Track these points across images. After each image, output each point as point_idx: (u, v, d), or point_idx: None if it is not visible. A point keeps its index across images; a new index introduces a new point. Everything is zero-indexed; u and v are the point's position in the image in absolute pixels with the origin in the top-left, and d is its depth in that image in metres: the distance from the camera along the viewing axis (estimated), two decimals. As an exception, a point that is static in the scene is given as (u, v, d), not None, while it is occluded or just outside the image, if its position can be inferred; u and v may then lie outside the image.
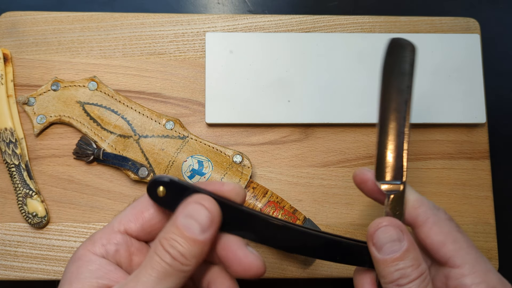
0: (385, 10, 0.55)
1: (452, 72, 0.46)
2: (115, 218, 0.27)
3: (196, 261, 0.24)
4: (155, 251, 0.24)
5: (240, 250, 0.26)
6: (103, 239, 0.26)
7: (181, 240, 0.24)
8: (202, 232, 0.24)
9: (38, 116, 0.43)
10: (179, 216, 0.25)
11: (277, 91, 0.45)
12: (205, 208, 0.25)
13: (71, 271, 0.25)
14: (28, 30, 0.46)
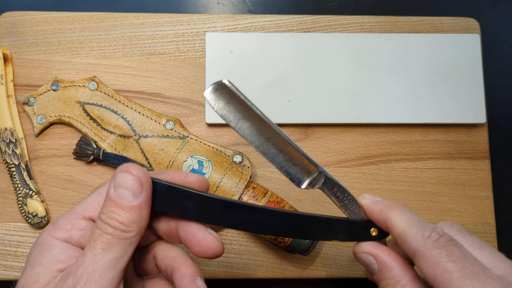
0: (385, 10, 0.55)
1: (452, 72, 0.46)
2: (79, 204, 0.27)
3: (137, 225, 0.25)
4: (96, 226, 0.24)
5: (200, 232, 0.26)
6: (67, 225, 0.26)
7: (117, 210, 0.24)
8: (134, 197, 0.25)
9: (38, 116, 0.43)
10: (110, 188, 0.25)
11: (277, 91, 0.45)
12: (131, 175, 0.25)
13: (33, 256, 0.25)
14: (28, 30, 0.46)
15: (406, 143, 0.45)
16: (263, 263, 0.42)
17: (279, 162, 0.29)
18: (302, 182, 0.29)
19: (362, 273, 0.42)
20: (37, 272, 0.24)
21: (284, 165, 0.29)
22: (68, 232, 0.26)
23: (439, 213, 0.44)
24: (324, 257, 0.42)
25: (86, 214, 0.27)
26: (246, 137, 0.28)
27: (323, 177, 0.29)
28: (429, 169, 0.45)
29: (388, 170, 0.45)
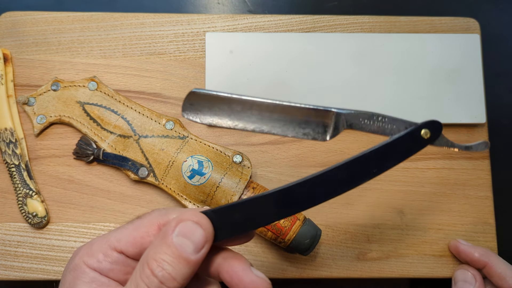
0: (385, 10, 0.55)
1: (452, 72, 0.46)
2: (115, 231, 0.26)
3: (185, 283, 0.23)
4: (141, 276, 0.23)
5: (246, 275, 0.25)
6: (99, 254, 0.25)
7: (172, 260, 0.23)
8: (195, 252, 0.23)
9: (38, 116, 0.43)
10: (172, 234, 0.23)
11: (277, 91, 0.45)
12: (202, 229, 0.24)
13: (68, 281, 0.25)
14: (28, 30, 0.46)
15: (406, 143, 0.45)
16: (263, 263, 0.42)
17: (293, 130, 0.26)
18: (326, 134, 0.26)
19: (362, 273, 0.42)
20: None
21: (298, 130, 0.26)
22: (99, 263, 0.25)
23: (439, 213, 0.44)
24: (324, 257, 0.42)
25: (118, 247, 0.25)
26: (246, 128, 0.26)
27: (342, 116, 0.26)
28: (429, 169, 0.45)
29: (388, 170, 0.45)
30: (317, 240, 0.38)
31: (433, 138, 0.26)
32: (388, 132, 0.26)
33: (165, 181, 0.41)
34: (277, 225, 0.38)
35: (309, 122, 0.26)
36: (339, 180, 0.25)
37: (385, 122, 0.27)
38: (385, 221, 0.43)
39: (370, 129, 0.26)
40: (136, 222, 0.26)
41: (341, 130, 0.27)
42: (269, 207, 0.25)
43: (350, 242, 0.43)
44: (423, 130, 0.26)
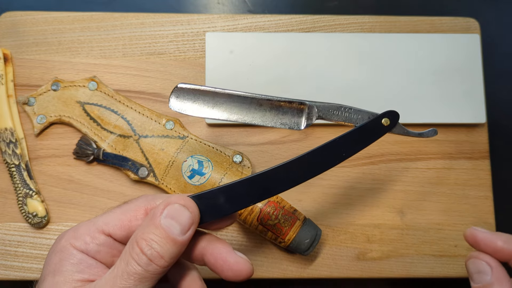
0: (385, 10, 0.55)
1: (452, 72, 0.46)
2: (102, 216, 0.27)
3: (172, 262, 0.25)
4: (131, 253, 0.24)
5: (230, 257, 0.26)
6: (86, 237, 0.26)
7: (160, 240, 0.24)
8: (182, 233, 0.25)
9: (38, 116, 0.43)
10: (160, 216, 0.25)
11: (277, 91, 0.45)
12: (188, 211, 0.25)
13: (54, 262, 0.25)
14: (28, 30, 0.46)
15: (406, 143, 0.45)
16: (263, 263, 0.42)
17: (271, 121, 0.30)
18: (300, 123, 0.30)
19: (362, 273, 0.42)
20: (58, 281, 0.25)
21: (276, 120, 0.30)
22: (86, 245, 0.26)
23: (439, 213, 0.44)
24: (324, 257, 0.42)
25: (106, 230, 0.26)
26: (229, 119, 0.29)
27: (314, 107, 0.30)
28: (429, 169, 0.45)
29: (388, 170, 0.45)
30: (317, 240, 0.38)
31: (392, 125, 0.30)
32: (354, 122, 0.31)
33: (165, 181, 0.41)
34: (277, 225, 0.38)
35: (286, 113, 0.31)
36: (313, 163, 0.28)
37: (351, 113, 0.31)
38: (385, 221, 0.43)
39: (338, 119, 0.31)
40: (124, 206, 0.27)
41: (314, 120, 0.30)
42: (249, 190, 0.27)
43: (350, 242, 0.43)
44: (383, 119, 0.30)
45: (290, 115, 0.31)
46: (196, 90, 0.29)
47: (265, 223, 0.38)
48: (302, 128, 0.31)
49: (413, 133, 0.33)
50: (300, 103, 0.30)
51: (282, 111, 0.30)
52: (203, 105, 0.29)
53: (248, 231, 0.42)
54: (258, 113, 0.30)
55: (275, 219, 0.38)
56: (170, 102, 0.30)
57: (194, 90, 0.29)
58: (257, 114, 0.30)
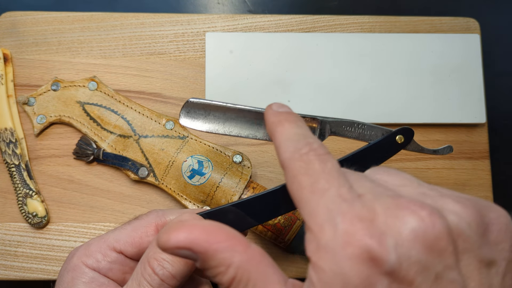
0: (385, 10, 0.55)
1: (452, 72, 0.46)
2: (113, 233, 0.27)
3: (184, 281, 0.25)
4: (143, 274, 0.24)
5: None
6: (98, 254, 0.26)
7: (172, 260, 0.24)
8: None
9: (38, 116, 0.43)
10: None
11: (277, 91, 0.45)
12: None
13: (66, 281, 0.26)
14: (28, 30, 0.46)
15: (406, 143, 0.45)
16: (263, 263, 0.42)
17: None
18: None
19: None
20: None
21: None
22: (98, 263, 0.26)
23: (439, 213, 0.44)
24: (324, 257, 0.42)
25: (117, 247, 0.26)
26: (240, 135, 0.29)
27: (327, 124, 0.29)
28: (429, 169, 0.45)
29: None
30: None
31: (406, 143, 0.29)
32: (368, 138, 0.30)
33: (165, 181, 0.41)
34: (277, 225, 0.38)
35: None
36: None
37: (365, 129, 0.30)
38: (385, 221, 0.43)
39: (352, 135, 0.30)
40: (134, 222, 0.27)
41: (326, 136, 0.30)
42: (261, 208, 0.26)
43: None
44: (397, 136, 0.29)
45: None
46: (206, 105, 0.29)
47: (265, 223, 0.38)
48: None
49: (428, 150, 0.33)
50: (312, 118, 0.29)
51: None
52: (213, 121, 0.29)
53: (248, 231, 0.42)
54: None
55: (275, 219, 0.38)
56: (180, 117, 0.30)
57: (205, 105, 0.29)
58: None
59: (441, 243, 0.17)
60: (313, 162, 0.21)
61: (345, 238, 0.18)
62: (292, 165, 0.21)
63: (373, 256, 0.17)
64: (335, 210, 0.18)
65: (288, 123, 0.24)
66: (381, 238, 0.17)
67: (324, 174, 0.20)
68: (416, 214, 0.17)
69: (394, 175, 0.21)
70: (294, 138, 0.23)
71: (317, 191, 0.20)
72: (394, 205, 0.18)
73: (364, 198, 0.19)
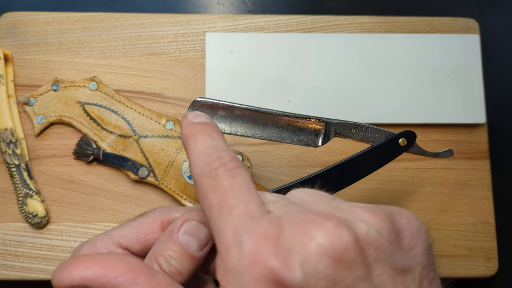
0: (385, 10, 0.55)
1: (451, 72, 0.46)
2: (118, 229, 0.27)
3: (190, 277, 0.25)
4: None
5: None
6: (103, 250, 0.26)
7: (179, 256, 0.24)
8: (200, 249, 0.25)
9: (39, 116, 0.43)
10: (178, 232, 0.25)
11: (277, 91, 0.45)
12: (205, 226, 0.25)
13: None
14: (28, 31, 0.46)
15: (406, 143, 0.45)
16: (263, 263, 0.42)
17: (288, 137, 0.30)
18: (317, 141, 0.30)
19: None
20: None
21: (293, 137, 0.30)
22: None
23: (439, 213, 0.44)
24: (324, 257, 0.42)
25: (123, 243, 0.26)
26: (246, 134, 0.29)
27: (332, 126, 0.29)
28: (429, 169, 0.45)
29: (388, 170, 0.45)
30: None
31: (409, 145, 0.31)
32: (371, 140, 0.30)
33: (165, 181, 0.41)
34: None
35: (303, 130, 0.30)
36: (329, 182, 0.28)
37: (369, 131, 0.30)
38: (385, 221, 0.43)
39: (356, 137, 0.30)
40: (140, 219, 0.27)
41: (331, 137, 0.30)
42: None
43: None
44: (400, 139, 0.30)
45: (307, 132, 0.30)
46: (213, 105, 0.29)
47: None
48: (319, 146, 0.30)
49: (429, 154, 0.33)
50: (318, 120, 0.30)
51: (299, 128, 0.30)
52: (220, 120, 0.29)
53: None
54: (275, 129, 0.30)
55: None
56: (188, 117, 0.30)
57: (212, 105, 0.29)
58: (274, 130, 0.30)
59: (350, 254, 0.16)
60: (221, 178, 0.20)
61: (251, 259, 0.17)
62: (201, 182, 0.20)
63: (278, 277, 0.16)
64: (242, 229, 0.18)
65: (201, 135, 0.23)
66: (287, 256, 0.16)
67: (232, 190, 0.19)
68: (322, 226, 0.17)
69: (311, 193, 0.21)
70: (205, 151, 0.21)
71: (225, 210, 0.19)
72: (301, 220, 0.17)
73: (272, 215, 0.18)
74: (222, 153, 0.21)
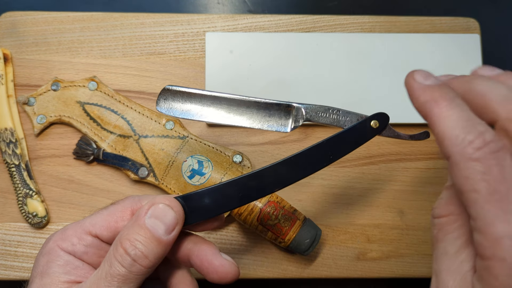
0: (385, 10, 0.55)
1: (452, 72, 0.45)
2: (89, 218, 0.27)
3: (157, 262, 0.25)
4: (114, 255, 0.24)
5: (215, 259, 0.26)
6: (73, 238, 0.26)
7: (145, 240, 0.24)
8: (167, 233, 0.25)
9: (38, 116, 0.43)
10: (144, 216, 0.25)
11: (277, 91, 0.45)
12: (173, 211, 0.25)
13: (41, 264, 0.26)
14: (28, 30, 0.46)
15: (406, 143, 0.45)
16: (263, 263, 0.42)
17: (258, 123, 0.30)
18: (286, 125, 0.30)
19: (361, 273, 0.42)
20: (45, 283, 0.25)
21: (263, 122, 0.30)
22: (73, 246, 0.26)
23: (439, 213, 0.44)
24: (324, 257, 0.42)
25: (93, 231, 0.26)
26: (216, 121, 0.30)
27: (302, 109, 0.30)
28: (429, 169, 0.45)
29: (388, 170, 0.45)
30: (317, 240, 0.38)
31: (381, 128, 0.29)
32: (342, 124, 0.30)
33: (165, 181, 0.41)
34: (277, 225, 0.38)
35: (273, 115, 0.30)
36: (300, 165, 0.28)
37: (340, 115, 0.30)
38: (385, 221, 0.43)
39: (326, 121, 0.30)
40: (111, 207, 0.27)
41: (300, 122, 0.30)
42: (235, 192, 0.27)
43: (350, 242, 0.43)
44: (372, 121, 0.29)
45: (277, 117, 0.31)
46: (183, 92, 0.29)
47: (265, 223, 0.38)
48: (288, 131, 0.30)
49: (404, 136, 0.32)
50: (287, 105, 0.30)
51: (269, 113, 0.31)
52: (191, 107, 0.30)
53: (248, 231, 0.42)
54: (245, 115, 0.31)
55: (275, 219, 0.38)
56: (157, 103, 0.31)
57: (182, 92, 0.30)
58: (245, 116, 0.31)
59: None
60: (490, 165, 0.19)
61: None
62: (463, 164, 0.19)
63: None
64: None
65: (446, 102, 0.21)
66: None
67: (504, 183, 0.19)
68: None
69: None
70: (459, 124, 0.20)
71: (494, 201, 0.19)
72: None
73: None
74: (481, 128, 0.20)
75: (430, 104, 0.21)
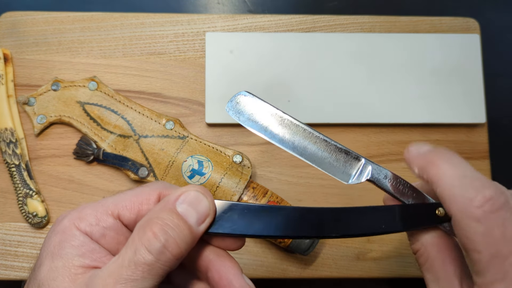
0: (385, 10, 0.55)
1: (452, 72, 0.46)
2: (112, 197, 0.24)
3: (184, 255, 0.22)
4: (141, 239, 0.21)
5: (236, 280, 0.24)
6: (92, 218, 0.23)
7: (177, 225, 0.21)
8: (198, 223, 0.23)
9: (38, 116, 0.43)
10: (175, 201, 0.22)
11: (277, 91, 0.45)
12: (208, 201, 0.23)
13: (53, 244, 0.23)
14: (28, 30, 0.46)
15: (406, 143, 0.45)
16: (263, 263, 0.42)
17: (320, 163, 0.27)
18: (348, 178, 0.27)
19: (362, 273, 0.42)
20: (57, 267, 0.22)
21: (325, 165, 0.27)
22: (91, 227, 0.23)
23: (439, 213, 0.44)
24: (324, 257, 0.42)
25: (115, 212, 0.23)
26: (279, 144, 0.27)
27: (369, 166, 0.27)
28: (429, 169, 0.45)
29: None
30: (317, 240, 0.38)
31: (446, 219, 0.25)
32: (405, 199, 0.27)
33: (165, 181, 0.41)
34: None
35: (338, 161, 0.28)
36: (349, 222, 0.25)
37: (407, 188, 0.27)
38: (385, 221, 0.43)
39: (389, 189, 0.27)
40: (137, 189, 0.25)
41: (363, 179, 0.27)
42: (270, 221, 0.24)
43: (350, 242, 0.43)
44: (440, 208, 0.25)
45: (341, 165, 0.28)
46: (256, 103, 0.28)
47: (265, 223, 0.38)
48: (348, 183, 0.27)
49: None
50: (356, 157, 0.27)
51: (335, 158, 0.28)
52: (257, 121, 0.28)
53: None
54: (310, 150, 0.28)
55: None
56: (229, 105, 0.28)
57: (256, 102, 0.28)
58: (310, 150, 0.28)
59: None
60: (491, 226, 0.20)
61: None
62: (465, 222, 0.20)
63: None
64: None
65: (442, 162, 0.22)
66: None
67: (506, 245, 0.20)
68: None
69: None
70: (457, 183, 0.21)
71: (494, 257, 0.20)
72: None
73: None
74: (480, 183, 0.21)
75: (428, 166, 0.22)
